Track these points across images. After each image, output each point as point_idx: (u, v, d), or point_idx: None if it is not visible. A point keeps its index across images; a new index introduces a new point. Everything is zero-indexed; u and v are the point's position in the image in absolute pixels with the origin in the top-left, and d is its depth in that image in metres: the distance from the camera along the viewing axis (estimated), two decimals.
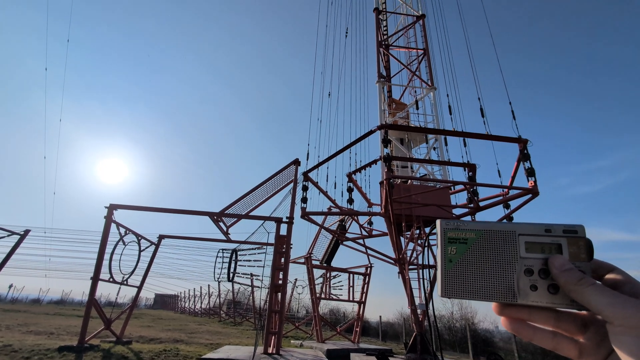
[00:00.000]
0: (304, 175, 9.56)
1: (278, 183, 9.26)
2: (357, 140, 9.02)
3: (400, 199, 8.42)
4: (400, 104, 11.35)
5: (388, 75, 11.40)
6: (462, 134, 8.70)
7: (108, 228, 8.13)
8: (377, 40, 11.41)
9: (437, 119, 9.87)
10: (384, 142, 8.75)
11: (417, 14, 11.48)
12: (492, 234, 0.60)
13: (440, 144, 9.78)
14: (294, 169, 9.08)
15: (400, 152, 10.07)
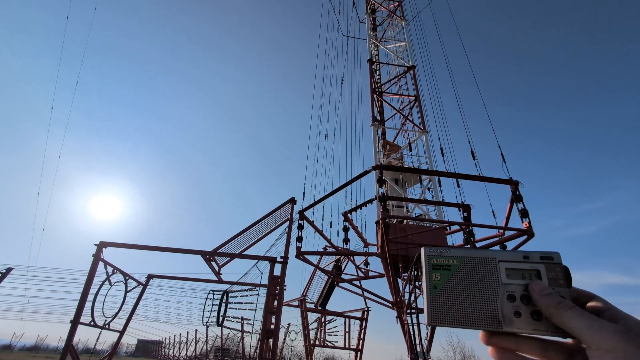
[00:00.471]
0: (300, 214, 9.54)
1: (273, 222, 9.19)
2: (353, 180, 9.18)
3: (396, 239, 8.35)
4: (394, 145, 11.75)
5: (382, 119, 11.96)
6: (454, 175, 8.92)
7: (95, 267, 7.84)
8: (371, 87, 12.15)
9: (430, 160, 10.17)
10: (379, 182, 8.90)
11: (408, 65, 12.38)
12: (473, 260, 0.62)
13: (434, 185, 9.96)
14: (289, 208, 9.08)
15: (395, 192, 10.20)
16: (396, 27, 13.76)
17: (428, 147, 10.52)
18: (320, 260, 10.58)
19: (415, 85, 11.79)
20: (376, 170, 9.23)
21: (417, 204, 9.62)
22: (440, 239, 8.80)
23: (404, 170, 10.23)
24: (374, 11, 14.66)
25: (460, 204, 8.78)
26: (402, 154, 10.77)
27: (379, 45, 13.47)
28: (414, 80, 11.97)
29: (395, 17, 13.90)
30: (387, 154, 11.39)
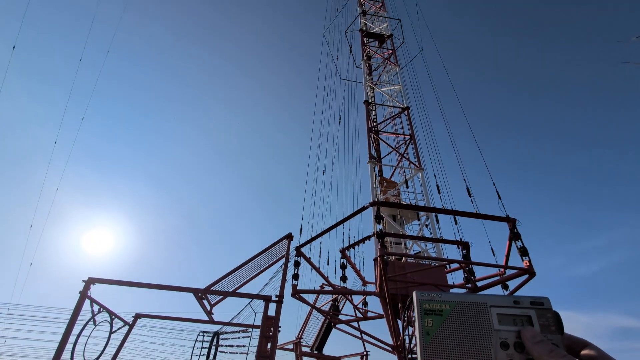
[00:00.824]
0: (297, 250, 9.37)
1: (269, 258, 8.98)
2: (350, 216, 9.17)
3: (395, 277, 8.14)
4: (391, 182, 11.92)
5: (379, 156, 12.27)
6: (451, 212, 8.96)
7: (81, 305, 7.48)
8: (368, 126, 12.63)
9: (427, 197, 10.27)
10: (376, 218, 8.89)
11: (402, 106, 13.01)
12: (465, 305, 0.61)
13: (432, 222, 9.95)
14: (286, 244, 8.94)
15: (393, 229, 10.14)
16: (390, 71, 14.68)
17: (424, 184, 10.68)
18: (317, 300, 10.17)
19: (410, 124, 12.28)
20: (374, 207, 9.26)
21: (416, 241, 9.52)
22: (440, 277, 8.59)
23: (401, 207, 10.27)
24: (369, 57, 15.72)
25: (458, 241, 8.71)
26: (399, 191, 10.89)
27: (374, 88, 14.26)
28: (409, 120, 12.50)
29: (389, 63, 14.89)
30: (384, 190, 11.51)
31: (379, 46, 16.17)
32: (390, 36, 15.88)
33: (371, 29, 16.26)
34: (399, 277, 8.25)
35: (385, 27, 16.25)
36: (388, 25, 16.23)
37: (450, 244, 8.86)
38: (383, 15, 16.86)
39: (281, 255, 8.82)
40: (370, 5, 17.82)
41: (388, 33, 15.91)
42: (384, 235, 8.46)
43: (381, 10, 17.28)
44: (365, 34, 16.09)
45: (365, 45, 15.89)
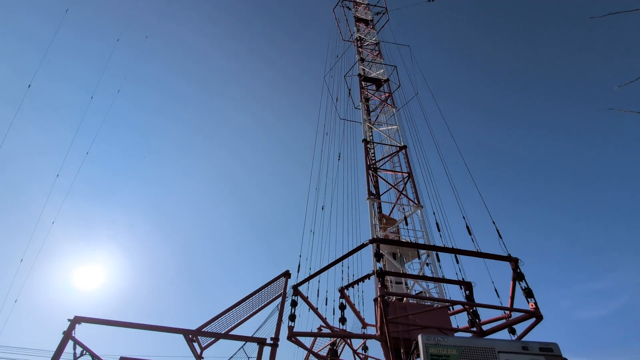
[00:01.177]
0: (294, 289, 9.05)
1: (265, 297, 8.64)
2: (349, 254, 9.00)
3: (396, 320, 7.77)
4: (391, 219, 11.88)
5: (377, 193, 12.37)
6: (452, 250, 8.82)
7: (63, 346, 7.04)
8: (366, 164, 12.90)
9: (427, 235, 10.18)
10: (376, 256, 8.72)
11: (400, 145, 13.40)
12: (472, 350, 0.62)
13: (432, 260, 9.74)
14: (283, 282, 8.66)
15: (393, 267, 9.89)
16: (388, 113, 15.35)
17: (424, 221, 10.64)
18: (314, 343, 9.58)
19: (408, 163, 12.55)
20: (373, 244, 9.13)
21: (417, 281, 9.25)
22: (444, 320, 8.20)
23: (401, 245, 10.12)
24: (367, 99, 16.53)
25: (461, 281, 8.46)
26: (399, 228, 10.81)
27: (372, 127, 14.80)
28: (406, 158, 12.80)
29: (386, 104, 15.63)
30: (383, 227, 11.42)
31: (376, 89, 17.09)
32: (386, 81, 16.85)
33: (369, 74, 17.32)
34: (400, 319, 7.88)
35: (382, 72, 17.31)
36: (385, 70, 17.31)
37: (452, 284, 8.60)
38: (380, 62, 18.05)
39: (278, 294, 8.50)
40: (367, 53, 19.15)
41: (385, 78, 16.91)
42: (384, 273, 8.24)
43: (378, 57, 18.53)
44: (363, 78, 17.09)
45: (363, 88, 16.80)
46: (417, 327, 7.78)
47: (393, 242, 9.95)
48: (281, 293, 8.67)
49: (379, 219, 11.59)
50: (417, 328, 7.78)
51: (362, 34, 20.51)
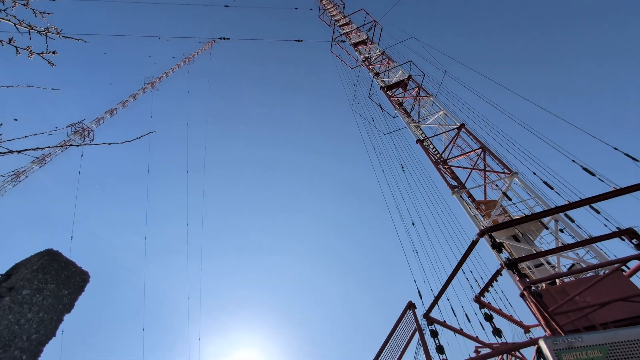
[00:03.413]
0: (427, 319, 8.25)
1: (401, 339, 7.99)
2: (464, 259, 8.04)
3: (562, 309, 6.37)
4: (489, 202, 10.52)
5: (460, 184, 11.27)
6: (584, 202, 7.25)
7: None
8: (432, 161, 12.11)
9: (540, 199, 8.65)
10: (494, 247, 7.65)
11: (456, 126, 12.41)
12: (626, 347, 0.46)
13: (565, 223, 8.11)
14: (411, 315, 7.99)
15: (522, 251, 8.45)
16: (426, 104, 14.68)
17: (528, 186, 9.16)
18: None
19: (474, 137, 11.42)
20: (484, 236, 8.08)
21: (559, 254, 7.67)
22: (625, 285, 6.44)
23: (517, 223, 8.70)
24: (400, 104, 16.18)
25: (619, 231, 6.72)
26: (503, 207, 9.45)
27: (419, 125, 14.18)
28: (470, 134, 11.70)
29: (421, 98, 15.04)
30: (486, 213, 10.12)
31: (404, 90, 16.74)
32: (409, 77, 16.47)
33: (389, 82, 17.22)
34: (566, 306, 6.44)
35: (401, 74, 17.07)
36: (402, 71, 17.06)
37: (608, 240, 6.86)
38: (394, 66, 17.94)
39: (412, 331, 7.79)
40: (379, 66, 19.32)
41: (406, 76, 16.58)
42: (515, 262, 7.08)
43: (390, 63, 18.51)
44: (386, 89, 17.02)
45: (391, 97, 16.62)
46: (594, 307, 6.21)
47: (505, 224, 8.63)
48: (415, 328, 7.95)
49: (477, 207, 10.38)
50: (595, 308, 6.22)
51: (365, 54, 21.03)
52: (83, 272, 7.64)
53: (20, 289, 4.23)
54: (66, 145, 2.24)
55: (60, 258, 7.24)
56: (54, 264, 6.30)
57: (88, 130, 34.39)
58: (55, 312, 4.45)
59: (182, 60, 42.29)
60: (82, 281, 6.86)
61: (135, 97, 37.68)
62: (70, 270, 7.04)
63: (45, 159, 31.89)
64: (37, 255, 6.83)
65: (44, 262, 5.71)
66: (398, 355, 7.80)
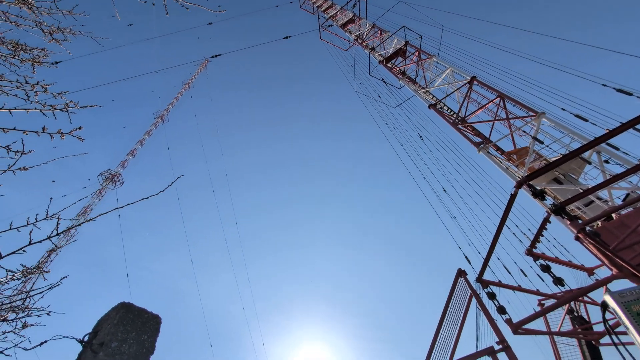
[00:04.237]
0: (481, 282, 8.04)
1: (457, 309, 7.85)
2: (506, 214, 7.71)
3: (625, 243, 5.96)
4: (520, 150, 9.96)
5: (484, 139, 10.75)
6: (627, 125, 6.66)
7: None
8: (450, 123, 11.64)
9: (575, 133, 8.06)
10: (536, 196, 7.28)
11: (467, 80, 11.80)
12: None
13: (610, 152, 7.52)
14: (463, 283, 7.81)
15: (568, 193, 7.96)
16: (430, 66, 14.07)
17: (559, 124, 8.57)
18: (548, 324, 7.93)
19: (489, 87, 10.82)
20: (522, 187, 7.69)
21: (610, 187, 7.14)
22: None
23: (556, 165, 8.18)
24: (403, 73, 15.63)
25: None
26: (536, 151, 8.91)
27: (428, 90, 13.64)
28: (484, 85, 11.09)
29: (423, 61, 14.44)
30: (520, 163, 9.61)
31: (404, 58, 16.13)
32: (406, 44, 15.84)
33: (387, 53, 16.66)
34: (629, 239, 6.01)
35: (397, 42, 16.45)
36: (397, 39, 16.43)
37: None
38: (388, 36, 17.32)
39: (468, 298, 7.62)
40: (372, 40, 18.73)
41: (403, 43, 15.95)
42: (562, 206, 6.70)
43: (383, 35, 17.88)
44: (385, 61, 16.49)
45: (392, 68, 16.10)
46: None
47: (543, 169, 8.13)
48: (470, 294, 7.77)
49: (508, 159, 9.87)
50: None
51: (355, 32, 20.46)
52: (155, 316, 8.13)
53: (108, 342, 4.59)
54: (114, 209, 2.34)
55: (133, 308, 7.77)
56: (129, 315, 6.78)
57: (117, 175, 36.41)
58: (141, 356, 4.81)
59: (182, 87, 43.42)
60: (156, 324, 7.34)
61: (150, 133, 39.29)
62: (143, 316, 7.53)
63: (87, 211, 34.22)
64: (113, 309, 7.35)
65: (121, 315, 6.17)
66: (458, 325, 7.68)
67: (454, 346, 7.31)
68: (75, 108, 3.04)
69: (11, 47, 4.01)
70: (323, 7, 24.84)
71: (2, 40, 4.19)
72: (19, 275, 2.72)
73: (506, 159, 9.77)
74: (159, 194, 2.93)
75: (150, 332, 6.32)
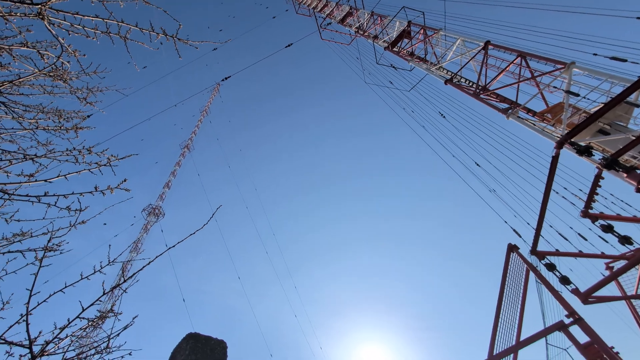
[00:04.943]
0: (537, 255, 7.53)
1: (515, 287, 7.40)
2: (550, 179, 7.19)
3: None
4: (555, 107, 9.24)
5: (512, 103, 10.11)
6: None
7: None
8: (470, 94, 11.08)
9: (616, 77, 7.34)
10: (581, 153, 6.72)
11: (481, 46, 11.20)
12: None
13: None
14: (516, 257, 7.36)
15: (618, 143, 7.24)
16: (439, 41, 13.52)
17: (594, 70, 7.85)
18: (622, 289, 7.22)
19: (506, 48, 10.18)
20: (564, 146, 7.14)
21: None
22: None
23: (597, 116, 7.49)
24: (412, 54, 15.17)
25: None
26: (572, 105, 8.21)
27: (441, 66, 13.11)
28: (500, 47, 10.46)
29: (430, 37, 13.92)
30: (556, 121, 8.91)
31: (410, 39, 15.66)
32: (409, 24, 15.37)
33: (391, 38, 16.27)
34: None
35: (399, 25, 16.02)
36: (399, 21, 16.00)
37: None
38: (389, 21, 16.92)
39: (525, 273, 7.16)
40: (374, 28, 18.40)
41: (405, 24, 15.50)
42: (614, 160, 6.13)
43: (383, 20, 17.50)
44: (391, 47, 16.10)
45: (399, 52, 15.68)
46: None
47: (585, 122, 7.48)
48: (527, 268, 7.30)
49: (542, 119, 9.20)
50: None
51: (355, 24, 20.22)
52: (220, 342, 8.44)
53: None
54: (167, 249, 2.59)
55: (199, 337, 8.14)
56: (198, 344, 7.16)
57: (157, 208, 38.72)
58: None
59: (200, 114, 45.34)
60: (223, 349, 7.67)
61: (179, 164, 41.40)
62: (210, 343, 7.89)
63: (138, 245, 36.70)
64: (183, 340, 7.76)
65: (191, 345, 6.54)
66: (519, 303, 7.22)
67: (519, 326, 6.89)
68: (116, 161, 3.45)
69: (55, 117, 4.52)
70: (318, 7, 24.84)
71: (45, 111, 4.69)
72: (98, 321, 3.00)
73: (540, 120, 9.11)
74: (203, 228, 3.11)
75: (220, 356, 6.58)
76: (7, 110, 4.17)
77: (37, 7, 2.72)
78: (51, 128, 4.25)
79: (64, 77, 4.34)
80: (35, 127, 4.13)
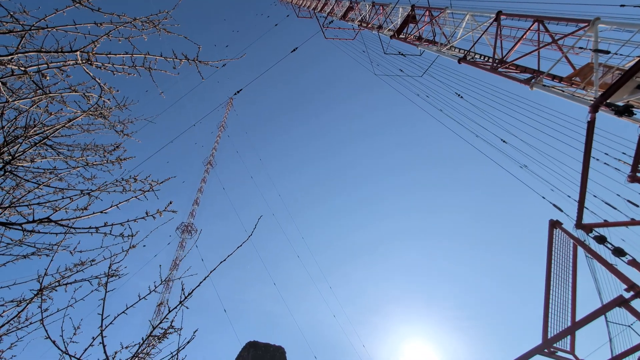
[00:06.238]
0: (582, 227, 7.03)
1: (563, 263, 6.94)
2: (589, 145, 6.69)
3: None
4: (583, 68, 8.60)
5: (534, 72, 9.53)
6: None
7: None
8: (487, 70, 10.58)
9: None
10: (620, 114, 6.22)
11: (493, 17, 10.67)
12: None
13: None
14: (561, 234, 6.90)
15: None
16: (447, 21, 13.06)
17: (622, 23, 7.24)
18: None
19: (521, 16, 9.64)
20: (599, 109, 6.63)
21: None
22: None
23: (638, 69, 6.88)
24: (420, 38, 14.76)
25: None
26: (601, 64, 7.61)
27: (452, 45, 12.65)
28: (514, 16, 9.92)
29: (437, 18, 13.48)
30: (587, 83, 8.30)
31: (415, 23, 15.25)
32: (413, 8, 14.97)
33: (396, 26, 15.93)
34: None
35: (402, 11, 15.65)
36: (402, 7, 15.63)
37: None
38: (391, 8, 16.57)
39: (572, 249, 6.70)
40: (377, 19, 18.11)
41: (409, 8, 15.12)
42: None
43: (385, 9, 17.17)
44: (397, 34, 15.76)
45: (406, 38, 15.31)
46: None
47: (621, 79, 6.88)
48: (574, 243, 6.83)
49: (570, 84, 8.61)
50: None
51: (358, 17, 20.00)
52: (278, 347, 8.50)
53: None
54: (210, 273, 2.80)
55: (258, 344, 8.26)
56: (259, 352, 7.29)
57: (190, 225, 40.29)
58: None
59: (218, 130, 46.69)
60: (282, 354, 7.76)
61: (205, 180, 42.83)
62: (270, 350, 8.01)
63: (176, 263, 38.36)
64: (244, 349, 7.90)
65: (252, 353, 6.69)
66: (571, 281, 6.76)
67: (573, 306, 6.44)
68: (157, 185, 3.84)
69: (100, 152, 4.90)
70: (318, 7, 24.83)
71: (89, 148, 5.04)
72: (163, 337, 3.20)
73: (568, 85, 8.53)
74: (242, 245, 3.23)
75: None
76: (55, 152, 4.53)
77: (86, 55, 2.94)
78: (97, 163, 4.60)
79: (104, 114, 4.67)
80: (85, 165, 4.49)
